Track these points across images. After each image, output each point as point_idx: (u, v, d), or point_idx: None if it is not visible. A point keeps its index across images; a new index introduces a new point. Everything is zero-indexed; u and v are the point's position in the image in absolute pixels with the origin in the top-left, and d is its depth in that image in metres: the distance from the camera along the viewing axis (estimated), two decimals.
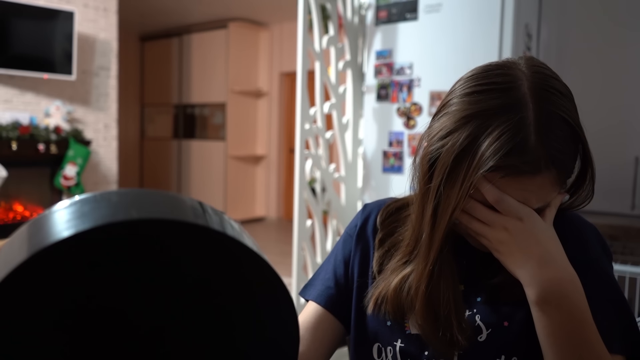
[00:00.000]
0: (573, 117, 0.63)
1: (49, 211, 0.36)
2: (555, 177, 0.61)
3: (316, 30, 2.40)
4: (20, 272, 0.32)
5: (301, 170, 2.32)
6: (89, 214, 0.34)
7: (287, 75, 6.75)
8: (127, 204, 0.35)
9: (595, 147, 2.39)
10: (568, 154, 0.62)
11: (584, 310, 0.60)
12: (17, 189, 4.12)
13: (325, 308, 0.80)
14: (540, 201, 0.62)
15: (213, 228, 0.36)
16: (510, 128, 0.59)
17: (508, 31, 2.00)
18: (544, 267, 0.61)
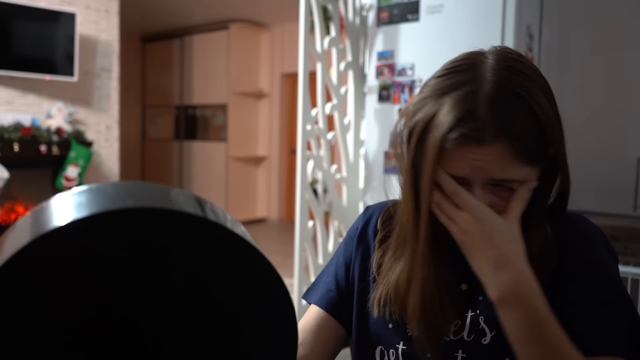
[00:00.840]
0: (533, 96, 0.63)
1: (48, 202, 0.37)
2: (509, 150, 0.60)
3: (318, 31, 2.40)
4: (21, 257, 0.33)
5: (303, 171, 2.32)
6: (87, 203, 0.35)
7: (288, 76, 6.75)
8: (123, 195, 0.36)
9: (597, 148, 2.39)
10: (522, 128, 0.61)
11: (542, 311, 0.60)
12: (19, 190, 4.13)
13: (326, 311, 0.80)
14: (500, 173, 0.62)
15: (208, 218, 0.37)
16: (463, 98, 0.62)
17: (510, 32, 2.00)
18: (500, 269, 0.61)
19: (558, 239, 0.69)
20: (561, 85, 2.28)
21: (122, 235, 0.35)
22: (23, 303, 0.34)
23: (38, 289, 0.34)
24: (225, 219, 0.39)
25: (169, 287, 0.37)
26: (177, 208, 0.36)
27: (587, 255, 0.68)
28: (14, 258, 0.33)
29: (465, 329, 0.69)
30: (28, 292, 0.34)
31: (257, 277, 0.40)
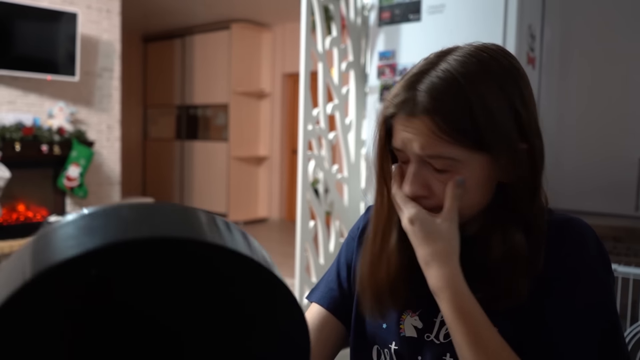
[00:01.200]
0: (477, 85, 0.63)
1: (54, 226, 0.33)
2: (435, 126, 0.62)
3: (319, 31, 2.40)
4: (23, 293, 0.30)
5: (304, 171, 2.32)
6: (98, 230, 0.32)
7: (289, 76, 6.75)
8: (138, 220, 0.33)
9: (599, 148, 2.39)
10: (453, 108, 0.62)
11: (468, 306, 0.63)
12: (20, 190, 4.13)
13: (328, 310, 0.81)
14: (424, 148, 0.64)
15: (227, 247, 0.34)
16: (410, 79, 0.66)
17: (511, 32, 2.00)
18: (428, 266, 0.65)
19: (550, 244, 0.67)
20: (563, 85, 2.27)
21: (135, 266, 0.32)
22: (25, 342, 0.31)
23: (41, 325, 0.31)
24: (256, 251, 0.36)
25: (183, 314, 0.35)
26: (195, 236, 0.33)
27: (576, 260, 0.66)
28: (10, 300, 0.29)
29: None
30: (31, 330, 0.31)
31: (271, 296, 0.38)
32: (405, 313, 0.74)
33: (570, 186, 2.24)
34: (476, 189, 0.66)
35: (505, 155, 0.64)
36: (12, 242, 3.88)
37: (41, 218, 4.15)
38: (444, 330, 0.71)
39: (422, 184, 0.66)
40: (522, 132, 0.65)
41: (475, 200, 0.67)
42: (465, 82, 0.63)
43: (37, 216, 4.22)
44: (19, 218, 4.12)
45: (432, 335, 0.71)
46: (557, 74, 2.28)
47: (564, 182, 2.25)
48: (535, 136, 0.67)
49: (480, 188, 0.67)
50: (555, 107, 2.27)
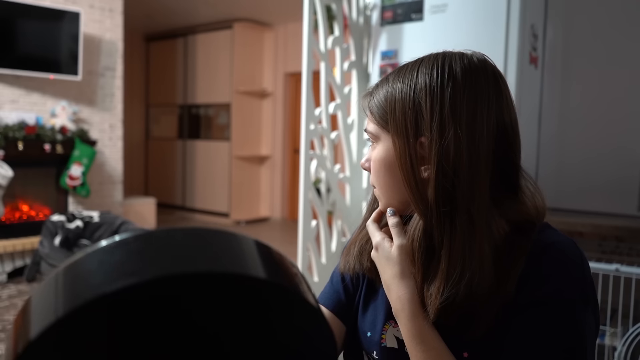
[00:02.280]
0: (405, 71, 0.72)
1: (90, 252, 0.31)
2: (369, 105, 0.76)
3: (321, 31, 2.40)
4: (54, 329, 0.28)
5: (306, 170, 2.32)
6: (140, 260, 0.30)
7: (291, 75, 6.75)
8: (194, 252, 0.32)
9: (602, 148, 2.36)
10: (376, 86, 0.76)
11: (423, 329, 0.67)
12: (23, 189, 4.14)
13: (332, 312, 0.82)
14: (366, 125, 0.78)
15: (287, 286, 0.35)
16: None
17: (514, 32, 1.99)
18: (387, 289, 0.72)
19: (527, 268, 0.64)
20: (565, 85, 2.27)
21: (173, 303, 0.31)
22: None
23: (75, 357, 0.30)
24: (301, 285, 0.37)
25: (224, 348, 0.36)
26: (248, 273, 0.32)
27: (547, 290, 0.63)
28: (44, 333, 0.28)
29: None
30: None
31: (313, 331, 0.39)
32: (388, 323, 0.75)
33: (573, 186, 2.23)
34: (387, 167, 0.73)
35: (399, 138, 0.70)
36: (15, 240, 3.89)
37: (44, 217, 4.16)
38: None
39: (367, 158, 0.77)
40: (420, 126, 0.67)
41: (388, 181, 0.74)
42: (402, 68, 0.74)
43: (40, 215, 4.23)
44: (21, 217, 4.13)
45: None
46: (560, 74, 2.28)
47: (566, 182, 2.25)
48: (440, 135, 0.65)
49: (389, 168, 0.73)
50: (557, 106, 2.27)
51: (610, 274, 1.69)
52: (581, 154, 2.23)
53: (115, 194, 4.75)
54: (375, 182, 0.76)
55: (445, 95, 0.66)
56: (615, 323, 1.75)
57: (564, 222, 2.00)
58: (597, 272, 1.69)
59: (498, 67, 0.76)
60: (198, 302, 0.32)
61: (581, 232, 2.00)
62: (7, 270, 3.89)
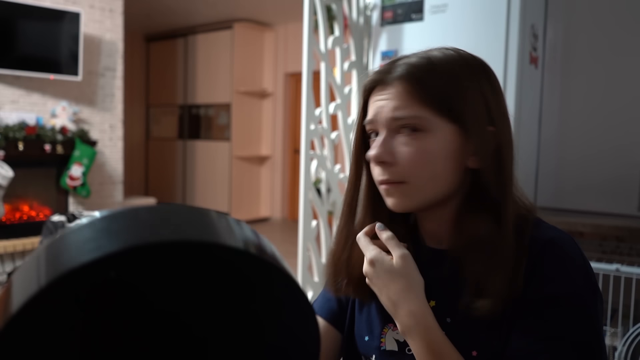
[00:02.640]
0: (445, 66, 0.68)
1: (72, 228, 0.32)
2: (408, 88, 0.66)
3: (322, 31, 2.40)
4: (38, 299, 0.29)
5: (306, 170, 2.32)
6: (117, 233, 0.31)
7: (292, 75, 6.75)
8: (157, 223, 0.32)
9: (602, 147, 2.36)
10: (424, 73, 0.67)
11: (439, 343, 0.63)
12: (23, 189, 4.14)
13: (326, 321, 0.82)
14: (394, 110, 0.67)
15: (242, 249, 0.34)
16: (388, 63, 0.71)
17: (514, 32, 1.99)
18: (396, 306, 0.66)
19: (530, 266, 0.64)
20: (566, 85, 2.27)
21: (153, 270, 0.32)
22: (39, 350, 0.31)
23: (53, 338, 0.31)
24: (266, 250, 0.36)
25: (201, 316, 0.35)
26: (215, 240, 0.33)
27: (557, 288, 0.63)
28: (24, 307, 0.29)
29: None
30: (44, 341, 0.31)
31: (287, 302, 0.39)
32: (387, 327, 0.74)
33: (574, 186, 2.23)
34: (442, 160, 0.66)
35: (473, 129, 0.66)
36: (16, 241, 3.89)
37: (44, 217, 4.16)
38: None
39: (388, 151, 0.67)
40: (490, 116, 0.68)
41: (440, 174, 0.67)
42: (439, 62, 0.68)
43: (40, 215, 4.23)
44: (22, 217, 4.13)
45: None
46: (560, 74, 2.28)
47: (567, 182, 2.25)
48: (504, 126, 0.69)
49: (446, 160, 0.67)
50: (558, 107, 2.27)
51: (610, 274, 1.69)
52: (581, 154, 2.23)
53: (116, 194, 4.75)
54: (411, 177, 0.67)
55: (495, 87, 0.71)
56: (616, 323, 1.75)
57: (565, 222, 2.00)
58: (597, 272, 1.69)
59: (498, 67, 0.79)
60: (168, 277, 0.32)
61: (582, 232, 2.00)
62: (8, 270, 3.89)
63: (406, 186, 0.67)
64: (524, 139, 2.11)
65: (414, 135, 0.66)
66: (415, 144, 0.66)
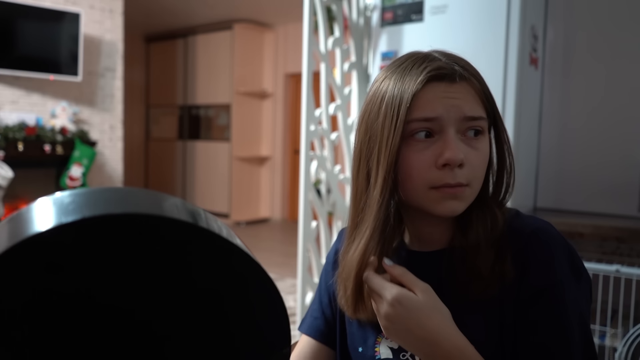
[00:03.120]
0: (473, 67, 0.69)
1: (30, 206, 0.35)
2: (474, 89, 0.66)
3: (321, 32, 2.40)
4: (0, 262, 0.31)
5: (306, 171, 2.32)
6: (73, 208, 0.33)
7: (292, 76, 6.75)
8: (111, 200, 0.35)
9: (602, 148, 2.35)
10: (480, 75, 0.68)
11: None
12: (23, 190, 4.14)
13: (316, 340, 0.81)
14: (470, 110, 0.65)
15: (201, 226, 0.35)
16: (419, 59, 0.67)
17: (514, 33, 1.99)
18: (437, 344, 0.60)
19: (518, 257, 0.65)
20: (566, 86, 2.27)
21: (110, 241, 0.33)
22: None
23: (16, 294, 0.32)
24: (219, 229, 0.37)
25: (159, 291, 0.36)
26: (168, 215, 0.35)
27: (539, 279, 0.64)
28: None
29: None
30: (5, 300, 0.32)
31: (246, 274, 0.39)
32: (380, 335, 0.73)
33: (574, 186, 2.23)
34: (485, 164, 0.68)
35: (499, 131, 0.70)
36: None
37: None
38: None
39: (462, 151, 0.64)
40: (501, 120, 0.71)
41: (482, 176, 0.68)
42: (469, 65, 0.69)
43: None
44: None
45: (407, 354, 0.71)
46: (560, 75, 2.28)
47: (567, 183, 2.25)
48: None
49: (487, 159, 0.69)
50: (558, 108, 2.27)
51: (610, 275, 1.68)
52: (582, 155, 2.23)
53: None
54: (473, 180, 0.65)
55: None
56: (616, 324, 1.75)
57: (565, 223, 2.00)
58: (597, 273, 1.69)
59: (498, 68, 0.80)
60: (105, 249, 0.33)
61: (582, 233, 1.99)
62: None
63: (469, 189, 0.65)
64: (524, 140, 2.11)
65: (479, 139, 0.66)
66: (479, 146, 0.66)
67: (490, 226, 0.67)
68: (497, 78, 1.99)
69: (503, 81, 1.99)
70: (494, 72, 2.00)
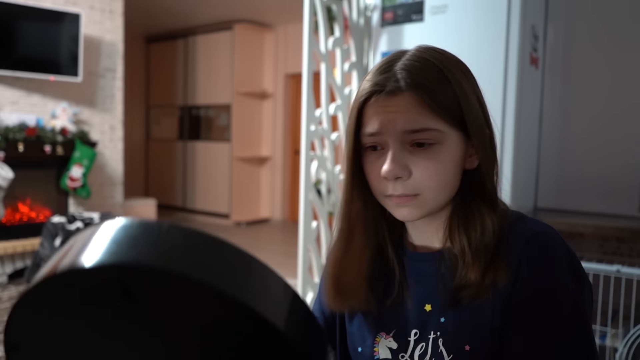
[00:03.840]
0: (448, 67, 0.67)
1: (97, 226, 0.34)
2: (418, 100, 0.64)
3: (322, 32, 2.40)
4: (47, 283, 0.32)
5: (307, 171, 2.32)
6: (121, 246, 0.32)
7: (292, 76, 6.75)
8: (202, 262, 0.32)
9: (603, 148, 2.36)
10: (433, 83, 0.65)
11: None
12: (23, 190, 4.14)
13: None
14: (408, 123, 0.64)
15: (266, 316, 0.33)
16: (383, 66, 0.68)
17: (514, 32, 1.99)
18: None
19: (516, 260, 0.64)
20: (566, 85, 2.27)
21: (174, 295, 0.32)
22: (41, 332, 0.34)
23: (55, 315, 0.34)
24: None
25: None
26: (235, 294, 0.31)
27: (543, 278, 0.63)
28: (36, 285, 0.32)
29: (427, 352, 0.69)
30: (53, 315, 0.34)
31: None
32: (380, 335, 0.74)
33: (574, 187, 2.23)
34: (453, 169, 0.67)
35: (479, 134, 0.67)
36: (16, 242, 3.89)
37: (44, 218, 4.16)
38: (418, 349, 0.70)
39: (403, 165, 0.65)
40: (485, 117, 0.69)
41: (450, 183, 0.67)
42: (438, 63, 0.67)
43: (40, 216, 4.22)
44: (22, 218, 4.13)
45: (406, 355, 0.71)
46: (560, 75, 2.27)
47: (567, 183, 2.25)
48: (490, 122, 0.71)
49: (455, 168, 0.67)
50: (558, 107, 2.27)
51: (611, 275, 1.68)
52: (582, 155, 2.22)
53: (116, 196, 4.75)
54: (424, 189, 0.66)
55: (480, 90, 0.71)
56: (617, 324, 1.75)
57: (565, 223, 2.00)
58: (598, 273, 1.69)
59: (499, 67, 0.80)
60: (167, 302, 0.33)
61: (582, 233, 1.99)
62: (8, 271, 3.88)
63: (420, 198, 0.66)
64: (524, 140, 2.11)
65: (428, 149, 0.65)
66: (430, 157, 0.65)
67: (480, 231, 0.66)
68: (498, 78, 1.99)
69: (503, 81, 1.99)
70: (494, 72, 1.99)
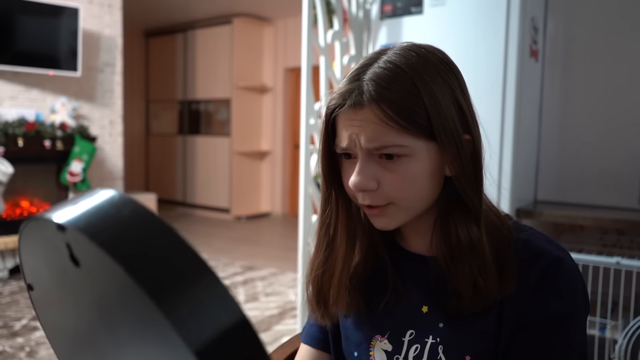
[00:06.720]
0: (420, 73, 0.63)
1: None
2: (382, 114, 0.61)
3: (321, 25, 2.39)
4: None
5: (306, 165, 2.32)
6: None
7: (291, 70, 6.74)
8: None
9: (602, 141, 2.35)
10: (399, 95, 0.61)
11: None
12: (23, 185, 4.14)
13: (313, 347, 0.82)
14: (373, 140, 0.62)
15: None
16: (353, 75, 0.65)
17: (514, 25, 1.98)
18: None
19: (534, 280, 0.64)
20: (566, 78, 2.26)
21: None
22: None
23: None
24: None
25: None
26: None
27: (563, 304, 0.64)
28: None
29: (424, 354, 0.69)
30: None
31: None
32: (375, 339, 0.73)
33: (574, 179, 2.23)
34: (427, 179, 0.65)
35: (452, 145, 0.63)
36: (16, 237, 3.90)
37: None
38: (413, 350, 0.70)
39: (371, 177, 0.63)
40: (464, 123, 0.65)
41: (425, 192, 0.65)
42: (410, 71, 0.62)
43: (40, 212, 4.23)
44: (22, 213, 4.14)
45: (401, 357, 0.71)
46: (561, 67, 2.27)
47: (567, 175, 2.24)
48: (475, 126, 0.67)
49: (429, 178, 0.65)
50: (558, 99, 2.27)
51: (611, 267, 1.68)
52: (582, 147, 2.22)
53: None
54: (397, 199, 0.65)
55: (463, 87, 0.67)
56: (616, 316, 1.75)
57: (565, 215, 2.00)
58: (597, 266, 1.69)
59: (498, 60, 0.78)
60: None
61: (582, 225, 2.00)
62: (9, 266, 3.89)
63: (393, 207, 0.65)
64: (524, 133, 2.11)
65: (397, 161, 0.63)
66: (398, 169, 0.63)
67: (456, 241, 0.65)
68: (497, 70, 1.99)
69: (503, 73, 1.98)
70: (494, 65, 1.99)
